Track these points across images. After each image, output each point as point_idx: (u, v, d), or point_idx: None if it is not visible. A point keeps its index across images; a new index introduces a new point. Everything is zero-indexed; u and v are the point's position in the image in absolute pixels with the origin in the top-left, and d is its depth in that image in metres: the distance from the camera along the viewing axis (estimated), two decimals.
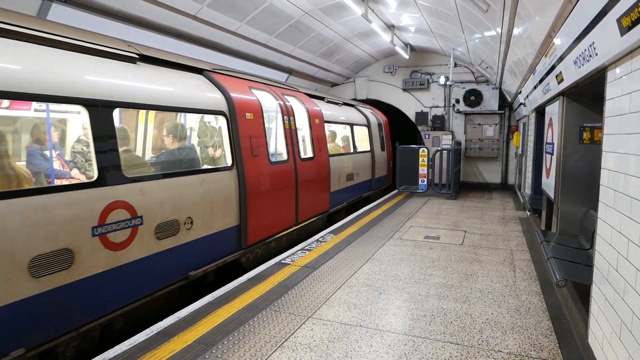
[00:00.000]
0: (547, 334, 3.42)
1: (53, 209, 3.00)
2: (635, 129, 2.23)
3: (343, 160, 8.95)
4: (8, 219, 2.72)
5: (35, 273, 2.89)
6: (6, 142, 3.43)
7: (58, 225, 3.03)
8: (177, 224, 4.18)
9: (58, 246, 3.03)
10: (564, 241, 4.68)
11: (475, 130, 13.14)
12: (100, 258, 3.37)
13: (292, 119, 6.75)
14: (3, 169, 3.04)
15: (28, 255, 2.84)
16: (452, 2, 6.50)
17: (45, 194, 3.00)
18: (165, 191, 4.04)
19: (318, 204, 7.51)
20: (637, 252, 2.14)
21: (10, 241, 2.73)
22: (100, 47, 3.69)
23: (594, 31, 2.70)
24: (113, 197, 3.46)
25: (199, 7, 6.65)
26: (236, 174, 5.12)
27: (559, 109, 4.92)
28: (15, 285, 2.76)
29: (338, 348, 3.18)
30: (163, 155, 4.77)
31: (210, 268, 4.67)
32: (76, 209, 3.17)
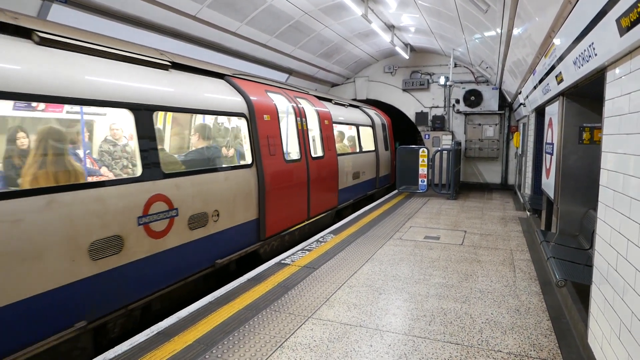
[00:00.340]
0: (546, 334, 3.42)
1: (107, 200, 3.42)
2: (635, 129, 2.23)
3: (350, 160, 9.32)
4: (73, 209, 3.16)
5: (94, 256, 3.31)
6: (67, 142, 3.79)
7: (111, 214, 3.44)
8: (206, 216, 4.59)
9: (111, 233, 3.45)
10: (564, 241, 4.68)
11: (475, 131, 13.15)
12: (144, 245, 3.78)
13: (304, 120, 7.17)
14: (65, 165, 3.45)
15: (88, 240, 3.26)
16: (452, 2, 6.50)
17: (101, 187, 3.42)
18: (196, 186, 4.45)
19: (327, 201, 7.92)
20: (637, 252, 2.15)
21: (76, 227, 3.17)
22: (140, 56, 4.11)
23: (594, 31, 2.70)
24: (154, 191, 3.89)
25: (199, 8, 6.66)
26: (255, 171, 5.54)
27: (559, 109, 4.93)
28: (78, 266, 3.20)
29: (338, 348, 3.19)
30: (193, 154, 5.17)
31: (233, 257, 5.09)
32: (125, 200, 3.58)
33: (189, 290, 4.62)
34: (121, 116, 4.53)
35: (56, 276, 3.06)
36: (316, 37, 9.82)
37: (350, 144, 10.20)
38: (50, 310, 3.04)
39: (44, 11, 4.95)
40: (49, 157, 3.36)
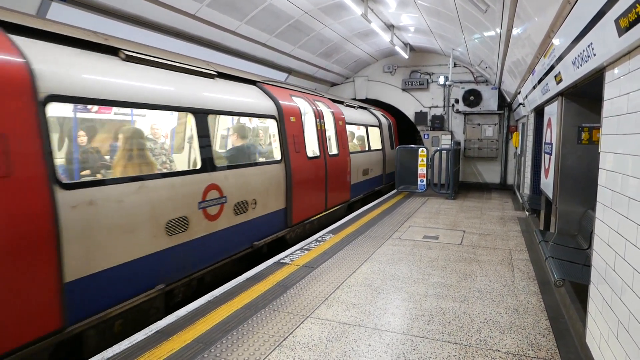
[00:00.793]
0: (545, 334, 3.43)
1: (177, 187, 4.17)
2: (633, 129, 2.24)
3: (360, 157, 10.10)
4: (156, 193, 3.89)
5: (169, 232, 4.05)
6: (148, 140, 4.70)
7: (179, 198, 4.19)
8: (247, 203, 5.36)
9: (179, 214, 4.19)
10: (563, 241, 4.69)
11: (475, 130, 13.16)
12: (202, 225, 4.53)
13: (322, 121, 7.97)
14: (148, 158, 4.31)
15: (165, 218, 4.01)
16: (452, 2, 6.51)
17: (173, 177, 4.20)
18: (239, 178, 5.22)
19: (341, 194, 8.71)
20: (635, 252, 2.15)
21: (157, 209, 3.92)
22: (195, 68, 4.85)
23: (592, 32, 2.71)
24: (209, 181, 4.64)
25: (199, 7, 6.65)
26: (284, 166, 6.30)
27: (558, 109, 4.93)
28: (159, 239, 3.95)
29: (337, 347, 3.19)
30: (234, 150, 5.86)
31: (267, 240, 5.89)
32: (190, 188, 4.34)
33: (230, 269, 5.32)
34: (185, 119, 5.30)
35: (144, 246, 3.81)
36: (316, 36, 9.82)
37: (360, 143, 10.90)
38: (141, 273, 3.80)
39: (43, 9, 4.94)
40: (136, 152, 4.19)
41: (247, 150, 5.99)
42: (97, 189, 3.40)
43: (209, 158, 4.69)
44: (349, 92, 14.45)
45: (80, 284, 3.23)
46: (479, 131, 13.12)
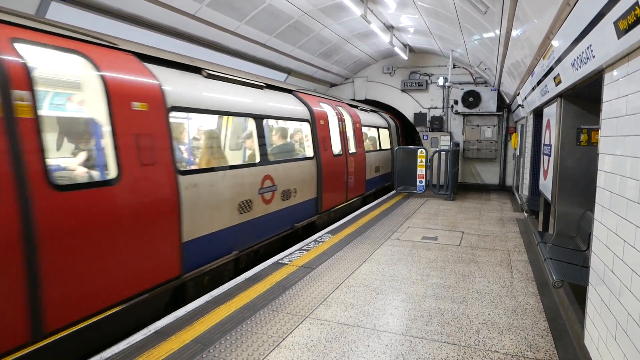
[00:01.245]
0: (543, 335, 3.43)
1: (244, 176, 5.33)
2: (632, 131, 2.24)
3: (373, 156, 11.23)
4: (234, 180, 5.07)
5: (240, 211, 5.19)
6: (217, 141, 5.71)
7: (246, 185, 5.35)
8: (290, 192, 6.50)
9: (246, 197, 5.34)
10: (561, 242, 4.70)
11: (474, 132, 13.17)
12: (260, 207, 5.68)
13: (343, 123, 9.11)
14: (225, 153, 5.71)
15: (238, 200, 5.16)
16: (451, 3, 6.51)
17: (242, 168, 5.41)
18: (285, 170, 6.37)
19: (359, 188, 9.86)
20: (633, 254, 2.16)
21: (233, 192, 5.07)
22: (250, 81, 6.01)
23: (592, 34, 2.72)
24: (265, 172, 5.79)
25: (198, 7, 6.65)
26: (315, 162, 7.45)
27: (557, 111, 4.94)
28: (234, 216, 5.10)
29: (335, 348, 3.19)
30: (279, 148, 6.85)
31: (303, 224, 7.01)
32: (252, 177, 5.50)
33: (276, 246, 6.35)
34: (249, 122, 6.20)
35: (225, 220, 4.94)
36: (315, 37, 9.82)
37: (372, 143, 11.96)
38: (223, 241, 4.94)
39: (42, 8, 4.94)
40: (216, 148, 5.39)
41: (289, 148, 7.19)
42: (199, 175, 4.53)
43: (264, 154, 5.87)
44: (348, 93, 14.45)
45: (190, 244, 4.33)
46: (478, 132, 13.13)
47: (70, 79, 4.12)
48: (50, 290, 3.00)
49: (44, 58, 3.51)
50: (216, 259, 4.79)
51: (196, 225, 4.42)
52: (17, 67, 2.93)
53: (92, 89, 3.59)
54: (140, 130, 3.78)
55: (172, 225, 4.07)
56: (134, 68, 3.97)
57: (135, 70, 3.96)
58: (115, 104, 3.61)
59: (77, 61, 3.57)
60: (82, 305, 3.25)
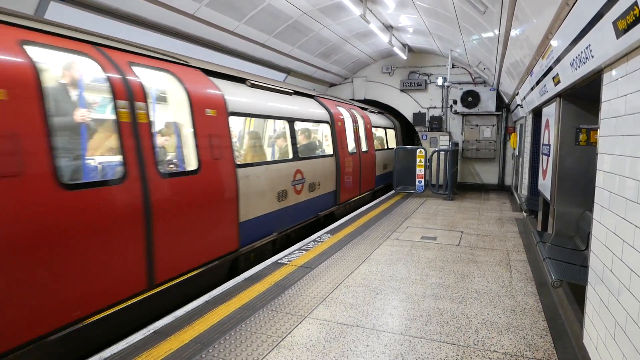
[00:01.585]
0: (542, 334, 3.44)
1: (281, 169, 6.32)
2: (631, 130, 2.24)
3: (381, 154, 12.12)
4: (273, 173, 6.05)
5: (278, 199, 6.17)
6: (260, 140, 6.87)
7: (283, 177, 6.35)
8: (315, 184, 7.50)
9: (283, 188, 6.33)
10: (560, 242, 4.70)
11: (473, 131, 13.17)
12: (292, 197, 6.65)
13: (357, 124, 10.07)
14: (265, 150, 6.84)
15: (277, 190, 6.15)
16: (450, 3, 6.51)
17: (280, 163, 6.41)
18: (311, 165, 7.36)
19: (369, 183, 10.88)
20: (632, 253, 2.16)
21: (273, 183, 6.05)
22: (282, 89, 7.04)
23: (590, 33, 2.72)
24: (296, 167, 6.79)
25: (198, 7, 6.65)
26: (335, 159, 8.45)
27: (556, 111, 4.95)
28: (274, 203, 6.07)
29: (334, 348, 3.19)
30: (306, 146, 7.74)
31: (325, 213, 8.09)
32: (287, 171, 6.52)
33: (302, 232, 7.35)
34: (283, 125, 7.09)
35: (268, 206, 5.94)
36: (314, 37, 9.82)
37: (380, 142, 12.83)
38: (266, 224, 5.92)
39: (41, 8, 4.93)
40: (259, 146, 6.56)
41: (314, 146, 8.19)
42: (249, 168, 5.52)
43: (296, 151, 6.87)
44: (347, 93, 14.45)
45: (244, 224, 5.30)
46: (477, 132, 13.13)
47: (167, 92, 4.88)
48: (158, 254, 3.91)
49: (150, 77, 4.34)
50: (261, 239, 5.80)
51: (248, 209, 5.42)
52: (137, 85, 3.86)
53: (181, 99, 4.58)
54: (211, 132, 4.77)
55: (233, 208, 5.12)
56: (203, 81, 5.00)
57: (205, 83, 4.99)
58: (196, 111, 4.60)
59: (170, 78, 4.58)
60: (176, 266, 4.19)
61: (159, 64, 4.42)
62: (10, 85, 2.84)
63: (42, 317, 2.97)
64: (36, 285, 2.92)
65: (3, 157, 2.75)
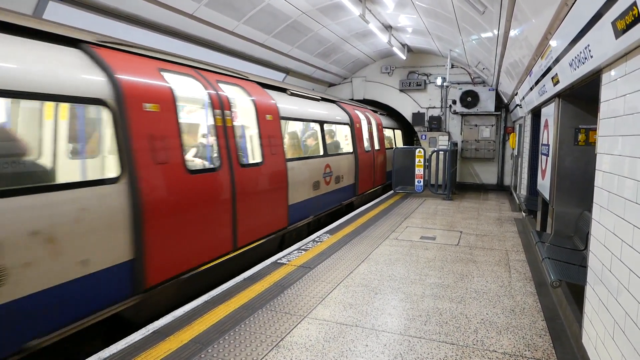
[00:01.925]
0: (541, 334, 3.44)
1: (315, 163, 7.60)
2: (630, 130, 2.25)
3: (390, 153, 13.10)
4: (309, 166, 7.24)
5: (313, 188, 7.31)
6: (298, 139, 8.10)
7: (317, 170, 7.57)
8: (339, 177, 8.78)
9: (316, 179, 7.50)
10: (559, 242, 4.71)
11: (472, 131, 13.18)
12: (323, 187, 7.84)
13: (370, 126, 11.27)
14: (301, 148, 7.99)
15: (312, 180, 7.31)
16: (450, 3, 6.52)
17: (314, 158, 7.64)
18: (337, 161, 8.66)
19: (381, 177, 12.21)
20: (631, 253, 2.16)
21: (310, 175, 7.25)
22: (311, 96, 8.48)
23: (590, 34, 2.72)
24: (326, 161, 8.08)
25: (197, 6, 6.64)
26: (354, 156, 9.74)
27: (555, 111, 4.95)
28: (310, 191, 7.23)
29: (334, 347, 3.19)
30: (333, 144, 8.93)
31: (346, 202, 9.33)
32: (319, 164, 7.73)
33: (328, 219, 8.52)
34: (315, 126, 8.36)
35: (306, 194, 7.12)
36: (314, 36, 9.82)
37: (389, 141, 13.88)
38: (305, 208, 7.09)
39: (40, 8, 4.92)
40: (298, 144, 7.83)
41: (338, 144, 9.29)
42: (294, 162, 6.72)
43: (325, 148, 8.21)
44: (346, 93, 14.45)
45: (291, 207, 6.54)
46: (476, 132, 13.14)
47: (241, 102, 5.83)
48: (239, 225, 5.16)
49: (230, 91, 5.47)
50: (301, 220, 7.03)
51: (293, 194, 6.62)
52: (225, 98, 5.16)
53: (249, 108, 5.84)
54: (270, 133, 6.04)
55: (284, 193, 6.37)
56: (261, 92, 6.24)
57: (262, 94, 6.23)
58: (260, 116, 5.90)
59: (240, 91, 5.81)
60: (249, 235, 5.43)
61: (233, 80, 5.71)
62: (160, 101, 4.01)
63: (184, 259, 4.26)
64: (176, 237, 4.13)
65: (160, 150, 3.92)
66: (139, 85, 3.86)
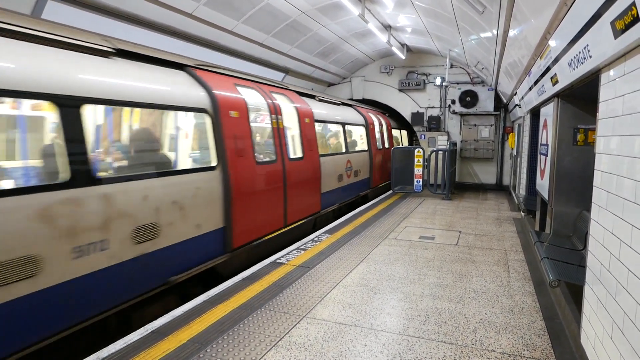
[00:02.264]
0: (540, 334, 3.44)
1: (340, 159, 8.97)
2: (629, 130, 2.25)
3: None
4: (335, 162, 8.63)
5: (338, 180, 8.66)
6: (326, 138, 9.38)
7: (341, 164, 8.91)
8: (358, 172, 10.04)
9: (340, 172, 8.81)
10: (558, 242, 4.71)
11: (471, 131, 13.19)
12: (345, 179, 9.06)
13: (381, 127, 12.57)
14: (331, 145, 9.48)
15: (337, 174, 8.68)
16: (449, 3, 6.52)
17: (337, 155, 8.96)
18: (355, 157, 9.91)
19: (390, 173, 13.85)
20: (629, 253, 2.17)
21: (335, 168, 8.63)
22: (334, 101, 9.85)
23: (588, 34, 2.72)
24: (348, 158, 9.34)
25: (196, 6, 6.63)
26: (369, 153, 11.02)
27: (554, 111, 4.96)
28: (336, 183, 8.59)
29: (332, 347, 3.19)
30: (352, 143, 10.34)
31: (363, 194, 10.55)
32: (343, 160, 9.08)
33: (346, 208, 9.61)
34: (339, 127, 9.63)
35: (333, 184, 8.39)
36: (313, 36, 9.81)
37: (396, 141, 14.83)
38: (332, 197, 8.36)
39: (39, 7, 4.91)
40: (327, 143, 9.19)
41: (356, 143, 10.71)
42: (324, 157, 7.95)
43: (347, 146, 9.52)
44: (346, 92, 14.44)
45: (323, 195, 7.84)
46: (475, 132, 13.15)
47: (287, 109, 7.00)
48: (288, 206, 6.46)
49: (279, 99, 6.76)
50: (330, 206, 8.34)
51: (324, 184, 7.93)
52: (277, 105, 6.50)
53: (292, 113, 7.12)
54: (308, 133, 7.33)
55: (318, 183, 7.65)
56: (299, 99, 7.56)
57: (301, 101, 7.55)
58: (301, 120, 7.24)
59: (285, 99, 7.05)
60: (295, 215, 6.73)
61: (280, 91, 7.03)
62: (238, 109, 5.30)
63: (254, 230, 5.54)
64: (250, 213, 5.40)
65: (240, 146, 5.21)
66: (226, 98, 5.16)
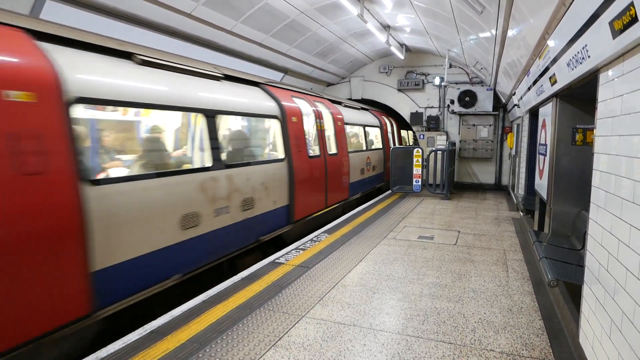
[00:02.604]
0: (538, 334, 3.45)
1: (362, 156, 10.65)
2: (627, 130, 2.25)
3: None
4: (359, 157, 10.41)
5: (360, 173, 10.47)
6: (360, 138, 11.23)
7: (362, 160, 10.60)
8: (375, 167, 11.68)
9: (362, 166, 10.55)
10: (556, 242, 4.72)
11: (470, 131, 13.20)
12: (365, 173, 10.84)
13: (392, 128, 14.19)
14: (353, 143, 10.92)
15: (360, 167, 10.37)
16: (448, 3, 6.52)
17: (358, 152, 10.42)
18: (373, 154, 11.60)
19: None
20: (627, 253, 2.17)
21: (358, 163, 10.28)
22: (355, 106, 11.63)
23: (587, 34, 2.73)
24: (367, 154, 11.10)
25: (195, 5, 6.63)
26: (383, 151, 12.64)
27: (552, 111, 4.96)
28: (359, 175, 10.34)
29: (332, 347, 3.19)
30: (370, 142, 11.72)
31: (378, 186, 12.19)
32: (363, 156, 10.75)
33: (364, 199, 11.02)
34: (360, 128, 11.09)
35: (357, 176, 10.14)
36: (312, 36, 9.81)
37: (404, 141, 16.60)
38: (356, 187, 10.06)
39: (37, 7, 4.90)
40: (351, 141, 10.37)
41: (373, 142, 12.11)
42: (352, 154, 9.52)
43: (366, 145, 11.05)
44: (345, 92, 14.44)
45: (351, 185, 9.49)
46: (474, 132, 13.16)
47: (325, 114, 8.52)
48: (328, 192, 8.04)
49: (320, 106, 8.37)
50: (355, 195, 9.77)
51: (352, 176, 9.41)
52: (319, 111, 8.20)
53: (328, 117, 8.63)
54: (340, 133, 8.79)
55: (347, 174, 9.12)
56: (332, 106, 9.10)
57: (333, 107, 9.09)
58: (335, 123, 8.78)
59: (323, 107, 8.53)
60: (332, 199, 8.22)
61: (319, 100, 8.63)
62: (296, 115, 6.96)
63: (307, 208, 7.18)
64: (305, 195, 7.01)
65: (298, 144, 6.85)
66: (289, 107, 6.83)
